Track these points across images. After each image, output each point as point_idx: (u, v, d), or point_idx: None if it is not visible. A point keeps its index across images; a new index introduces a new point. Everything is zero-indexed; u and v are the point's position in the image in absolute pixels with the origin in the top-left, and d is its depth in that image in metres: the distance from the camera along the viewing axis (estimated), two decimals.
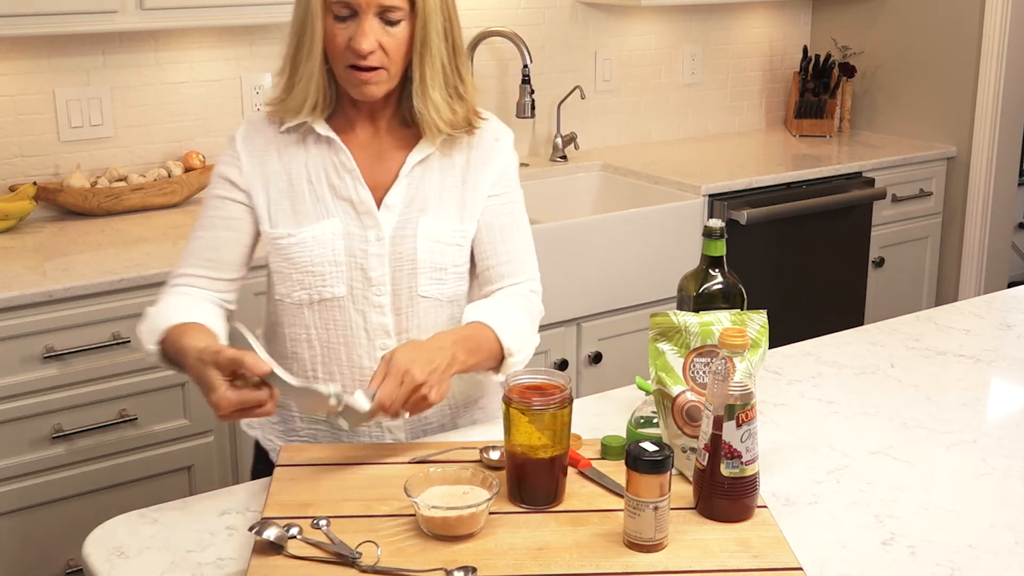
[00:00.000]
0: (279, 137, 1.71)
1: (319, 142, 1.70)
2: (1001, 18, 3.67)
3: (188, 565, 1.34)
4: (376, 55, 1.61)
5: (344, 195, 1.69)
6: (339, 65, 1.64)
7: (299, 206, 1.69)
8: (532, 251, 1.81)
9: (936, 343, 2.07)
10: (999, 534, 1.41)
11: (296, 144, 1.71)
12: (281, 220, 1.69)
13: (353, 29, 1.61)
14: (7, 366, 2.30)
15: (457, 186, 1.73)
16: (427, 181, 1.72)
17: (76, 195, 2.78)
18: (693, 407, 1.48)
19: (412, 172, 1.71)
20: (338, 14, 1.61)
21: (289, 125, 1.70)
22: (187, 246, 1.74)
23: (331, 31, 1.62)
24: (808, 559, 1.33)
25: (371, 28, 1.60)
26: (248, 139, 1.72)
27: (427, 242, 1.70)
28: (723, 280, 1.65)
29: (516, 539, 1.36)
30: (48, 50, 2.80)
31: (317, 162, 1.70)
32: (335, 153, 1.70)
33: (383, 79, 1.64)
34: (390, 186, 1.70)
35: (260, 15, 2.79)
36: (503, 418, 1.43)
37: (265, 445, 1.82)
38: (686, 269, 1.69)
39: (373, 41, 1.60)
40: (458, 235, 1.73)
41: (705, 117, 4.07)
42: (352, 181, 1.69)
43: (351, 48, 1.61)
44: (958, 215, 3.89)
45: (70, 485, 2.41)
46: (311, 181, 1.70)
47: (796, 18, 4.19)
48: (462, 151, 1.74)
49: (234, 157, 1.72)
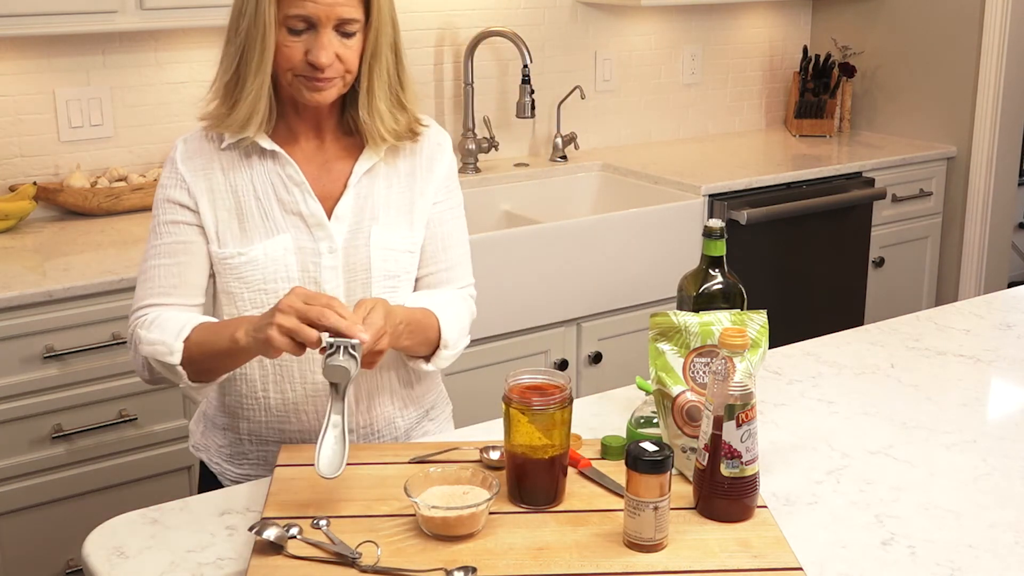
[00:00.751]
0: (220, 154, 1.68)
1: (264, 157, 1.67)
2: (1001, 18, 3.67)
3: (188, 565, 1.34)
4: (334, 67, 1.60)
5: (293, 209, 1.66)
6: (287, 74, 1.61)
7: (247, 224, 1.66)
8: (469, 255, 1.81)
9: (936, 343, 2.07)
10: (999, 534, 1.41)
11: (239, 160, 1.68)
12: (229, 239, 1.66)
13: (308, 42, 1.59)
14: (7, 366, 2.30)
15: (404, 193, 1.72)
16: (375, 190, 1.70)
17: (76, 195, 2.78)
18: (693, 407, 1.48)
19: (360, 182, 1.69)
20: (293, 28, 1.58)
21: (230, 141, 1.67)
22: (143, 278, 1.68)
23: (283, 43, 1.59)
24: (808, 559, 1.33)
25: (329, 41, 1.58)
26: (188, 159, 1.68)
27: (380, 250, 1.68)
28: (723, 280, 1.65)
29: (516, 539, 1.36)
30: (48, 50, 2.80)
31: (263, 177, 1.67)
32: (282, 167, 1.67)
33: (337, 85, 1.63)
34: (338, 197, 1.69)
35: None
36: (503, 418, 1.43)
37: (212, 468, 1.79)
38: (686, 269, 1.69)
39: (332, 54, 1.59)
40: (409, 242, 1.72)
41: (705, 117, 4.07)
42: (301, 194, 1.66)
43: (309, 61, 1.59)
44: (958, 215, 3.89)
45: (70, 485, 2.41)
46: (258, 197, 1.66)
47: (796, 18, 4.20)
48: (406, 158, 1.73)
49: (178, 179, 1.67)
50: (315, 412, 1.70)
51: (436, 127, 1.79)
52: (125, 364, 2.42)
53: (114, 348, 2.40)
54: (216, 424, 1.78)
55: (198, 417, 1.84)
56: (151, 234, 1.70)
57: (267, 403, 1.71)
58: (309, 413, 1.71)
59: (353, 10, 1.59)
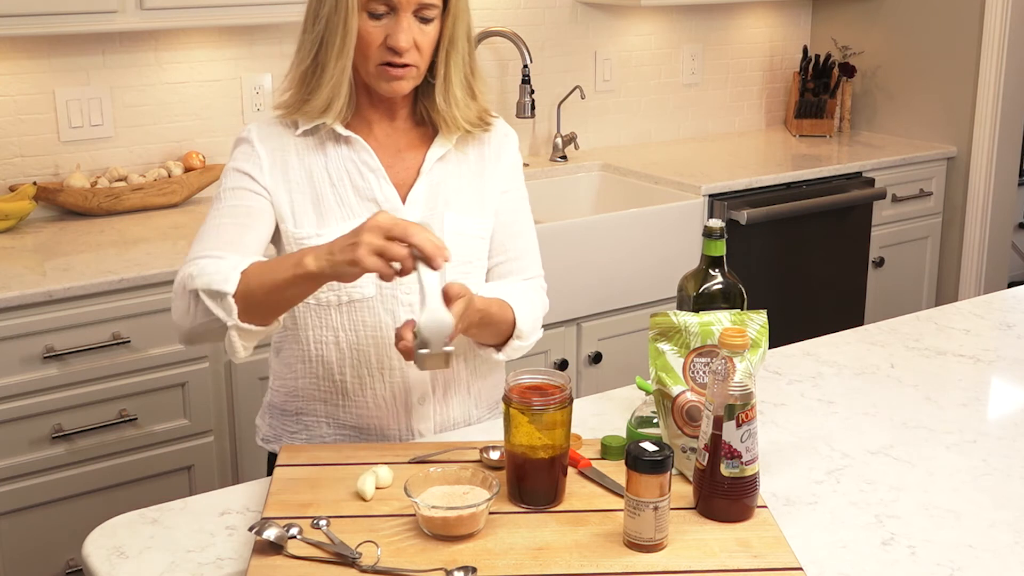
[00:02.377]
0: (296, 140, 1.70)
1: (339, 143, 1.70)
2: (1001, 18, 3.67)
3: (188, 565, 1.34)
4: (411, 53, 1.62)
5: (368, 195, 1.69)
6: (369, 63, 1.64)
7: (323, 208, 1.68)
8: (537, 247, 1.83)
9: (936, 343, 2.07)
10: (999, 534, 1.41)
11: (314, 147, 1.70)
12: (305, 221, 1.68)
13: (389, 26, 1.61)
14: (7, 366, 2.30)
15: (474, 180, 1.75)
16: (447, 177, 1.73)
17: (76, 195, 2.78)
18: (693, 407, 1.48)
19: (432, 169, 1.72)
20: (373, 12, 1.61)
21: (305, 128, 1.69)
22: (200, 236, 1.65)
23: (365, 29, 1.61)
24: (808, 559, 1.33)
25: (409, 25, 1.61)
26: (265, 140, 1.70)
27: (454, 236, 1.70)
28: (723, 280, 1.65)
29: (516, 539, 1.36)
30: (48, 50, 2.80)
31: (338, 164, 1.69)
32: (357, 153, 1.69)
33: (413, 75, 1.65)
34: (411, 184, 1.71)
35: (260, 15, 2.79)
36: (503, 418, 1.44)
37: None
38: (686, 269, 1.69)
39: (411, 39, 1.61)
40: (481, 228, 1.74)
41: (705, 117, 4.07)
42: (376, 180, 1.69)
43: (388, 46, 1.61)
44: (958, 215, 3.89)
45: (70, 485, 2.41)
46: (333, 184, 1.69)
47: (796, 18, 4.20)
48: (475, 147, 1.76)
49: (254, 155, 1.69)
50: (392, 397, 1.72)
51: (502, 121, 1.82)
52: (125, 364, 2.42)
53: (114, 348, 2.40)
54: (287, 411, 1.78)
55: (263, 411, 1.85)
56: (214, 201, 1.69)
57: (344, 387, 1.72)
58: (387, 398, 1.72)
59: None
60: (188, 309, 1.57)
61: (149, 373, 2.45)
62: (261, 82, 3.10)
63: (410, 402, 1.72)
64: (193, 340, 1.63)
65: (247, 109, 3.10)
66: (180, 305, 1.59)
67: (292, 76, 1.69)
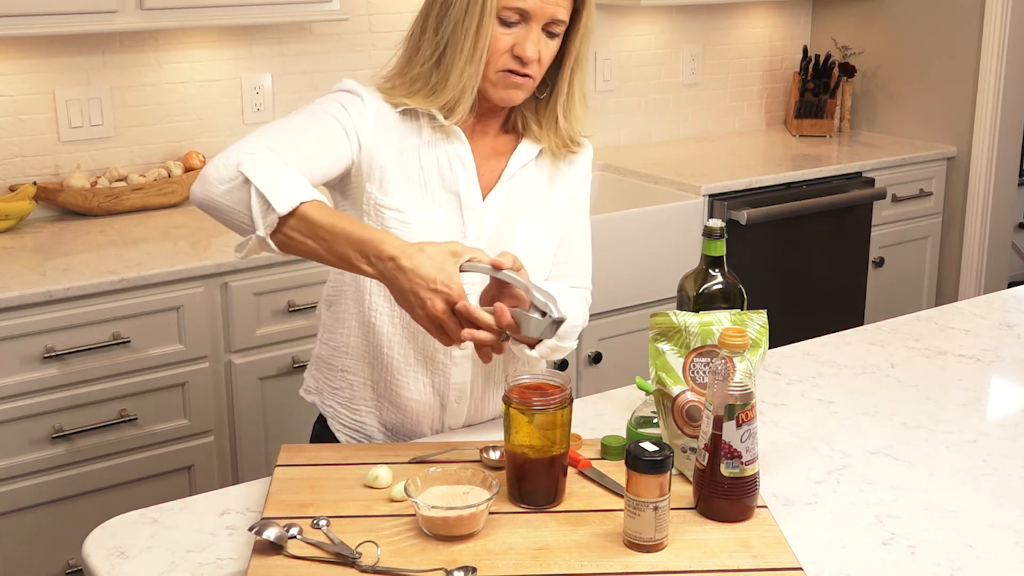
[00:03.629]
0: (395, 115, 1.68)
1: (435, 130, 1.68)
2: (1001, 18, 3.67)
3: (188, 565, 1.34)
4: (533, 64, 1.63)
5: (453, 188, 1.68)
6: (491, 68, 1.63)
7: (406, 187, 1.66)
8: (590, 258, 1.83)
9: (936, 343, 2.07)
10: (999, 534, 1.41)
11: (411, 127, 1.68)
12: (392, 192, 1.65)
13: (518, 35, 1.61)
14: (7, 366, 2.30)
15: (545, 191, 1.76)
16: (525, 184, 1.74)
17: (76, 195, 2.78)
18: (693, 407, 1.48)
19: (515, 175, 1.73)
20: (506, 19, 1.61)
21: (407, 107, 1.67)
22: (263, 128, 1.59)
23: (494, 35, 1.61)
24: (808, 559, 1.33)
25: (537, 36, 1.62)
26: (374, 103, 1.66)
27: (525, 244, 1.71)
28: (723, 280, 1.65)
29: (516, 539, 1.36)
30: (48, 50, 2.80)
31: (430, 151, 1.68)
32: (452, 144, 1.68)
33: (530, 87, 1.66)
34: (493, 186, 1.71)
35: (260, 15, 2.79)
36: (503, 418, 1.44)
37: (324, 412, 1.79)
38: (686, 269, 1.69)
39: (537, 50, 1.62)
40: (551, 238, 1.75)
41: (705, 117, 4.07)
42: (465, 175, 1.69)
43: (514, 54, 1.61)
44: (958, 215, 3.89)
45: (70, 485, 2.41)
46: (422, 167, 1.67)
47: (796, 18, 4.20)
48: (550, 158, 1.76)
49: (361, 107, 1.65)
50: (432, 389, 1.71)
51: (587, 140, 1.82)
52: (125, 364, 2.42)
53: (114, 348, 2.40)
54: (333, 366, 1.77)
55: (311, 363, 1.84)
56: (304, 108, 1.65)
57: (391, 362, 1.70)
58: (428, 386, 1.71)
59: (564, 12, 1.63)
60: (227, 184, 1.49)
61: (149, 373, 2.45)
62: (261, 82, 3.10)
63: (447, 396, 1.72)
64: (207, 209, 1.53)
65: (247, 109, 3.10)
66: (221, 175, 1.49)
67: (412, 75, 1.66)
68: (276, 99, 3.13)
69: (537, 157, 1.75)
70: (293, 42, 3.13)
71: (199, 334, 2.49)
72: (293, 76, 3.13)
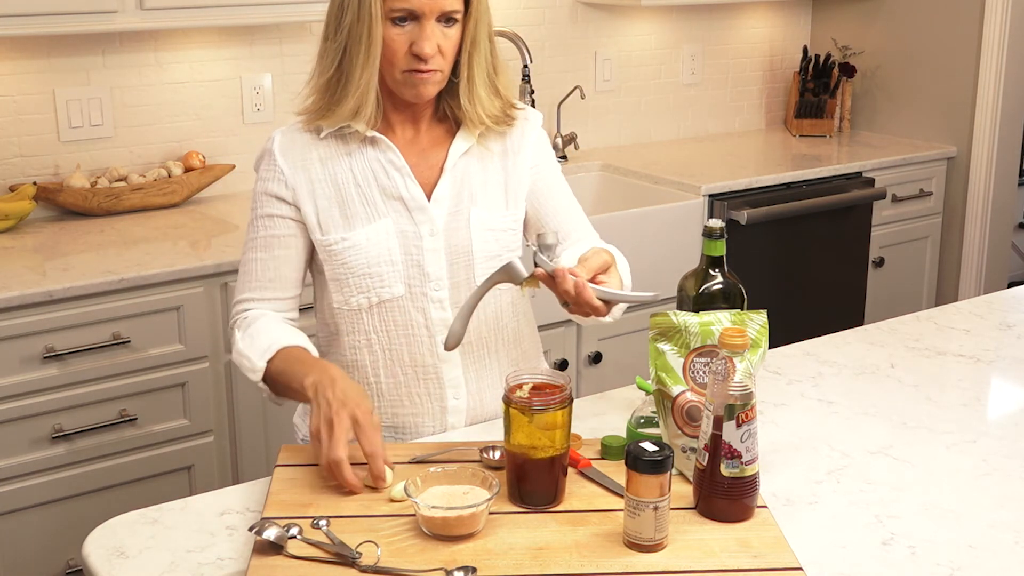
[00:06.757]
0: (319, 144, 1.71)
1: (364, 144, 1.70)
2: (1001, 18, 3.67)
3: (188, 565, 1.34)
4: (435, 58, 1.63)
5: (394, 194, 1.70)
6: (395, 70, 1.64)
7: (348, 211, 1.69)
8: (586, 218, 1.85)
9: (936, 343, 2.07)
10: (999, 534, 1.41)
11: (339, 150, 1.71)
12: (332, 226, 1.70)
13: (412, 33, 1.62)
14: (7, 366, 2.30)
15: (499, 172, 1.76)
16: (470, 172, 1.74)
17: (76, 195, 2.78)
18: (693, 407, 1.48)
19: (456, 165, 1.73)
20: (397, 19, 1.61)
21: (329, 131, 1.70)
22: (243, 271, 1.74)
23: (389, 36, 1.62)
24: (808, 559, 1.33)
25: (432, 31, 1.62)
26: (286, 151, 1.71)
27: (481, 231, 1.72)
28: (723, 280, 1.65)
29: (516, 539, 1.36)
30: (48, 50, 2.80)
31: (363, 164, 1.70)
32: (382, 152, 1.70)
33: (438, 80, 1.66)
34: (436, 181, 1.72)
35: (260, 15, 2.79)
36: (503, 418, 1.44)
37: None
38: (686, 269, 1.69)
39: (435, 45, 1.62)
40: (509, 220, 1.76)
41: (705, 117, 4.07)
42: (402, 179, 1.70)
43: (412, 53, 1.62)
44: (958, 215, 3.89)
45: (70, 485, 2.41)
46: (358, 184, 1.70)
47: (796, 18, 4.20)
48: (497, 139, 1.77)
49: (276, 171, 1.71)
50: (427, 394, 1.74)
51: (528, 108, 1.83)
52: (125, 364, 2.42)
53: (114, 348, 2.40)
54: None
55: (301, 411, 1.86)
56: (249, 227, 1.75)
57: (379, 388, 1.74)
58: (422, 396, 1.74)
59: (455, 1, 1.63)
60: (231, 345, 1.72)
61: (149, 373, 2.45)
62: (261, 82, 3.10)
63: (444, 397, 1.74)
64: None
65: (247, 109, 3.10)
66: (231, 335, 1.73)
67: (315, 83, 1.70)
68: (276, 99, 3.13)
69: (482, 143, 1.75)
70: (293, 42, 3.12)
71: (199, 334, 2.49)
72: (293, 76, 3.12)
